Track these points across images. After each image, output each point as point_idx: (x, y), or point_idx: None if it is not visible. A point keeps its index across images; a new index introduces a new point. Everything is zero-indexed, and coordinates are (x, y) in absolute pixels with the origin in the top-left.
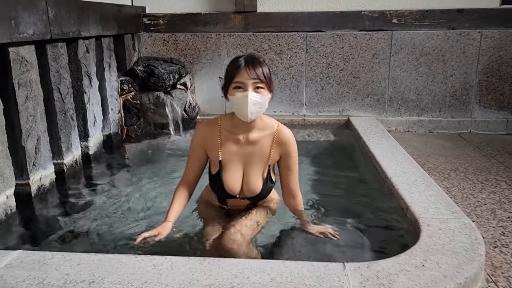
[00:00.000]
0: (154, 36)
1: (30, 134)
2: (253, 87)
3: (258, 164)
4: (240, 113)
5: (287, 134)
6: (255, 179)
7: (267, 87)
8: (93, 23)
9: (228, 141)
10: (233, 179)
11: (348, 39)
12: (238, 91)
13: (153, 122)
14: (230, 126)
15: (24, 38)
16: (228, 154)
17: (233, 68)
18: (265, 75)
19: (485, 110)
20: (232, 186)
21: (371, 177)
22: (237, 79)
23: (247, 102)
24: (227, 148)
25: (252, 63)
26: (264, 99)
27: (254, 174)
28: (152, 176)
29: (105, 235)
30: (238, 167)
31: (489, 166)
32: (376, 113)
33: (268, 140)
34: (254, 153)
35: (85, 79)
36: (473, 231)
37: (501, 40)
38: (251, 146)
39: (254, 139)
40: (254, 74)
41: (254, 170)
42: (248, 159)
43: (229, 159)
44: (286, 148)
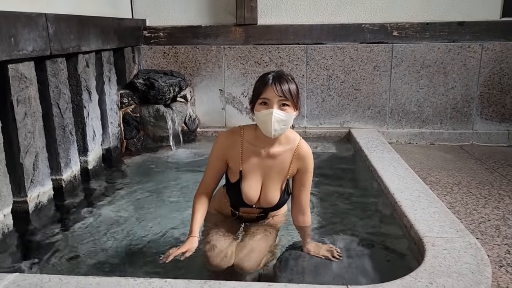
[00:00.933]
0: (155, 49)
1: (28, 151)
2: (278, 104)
3: (277, 177)
4: (264, 129)
5: (306, 150)
6: (273, 191)
7: (292, 105)
8: (93, 37)
9: (250, 153)
10: (252, 190)
11: (349, 51)
12: (264, 107)
13: (153, 135)
14: (253, 138)
15: (24, 55)
16: (248, 165)
17: (260, 84)
18: (292, 93)
19: (487, 122)
20: (251, 197)
21: (373, 192)
22: (263, 95)
23: (271, 119)
24: (248, 160)
25: (279, 80)
26: (288, 116)
27: (273, 187)
28: (153, 191)
29: (104, 255)
30: (258, 179)
31: (491, 179)
32: (377, 125)
33: (289, 154)
34: (274, 167)
35: (84, 94)
36: (478, 251)
37: (502, 52)
38: (271, 159)
39: (275, 153)
40: (280, 91)
41: (272, 183)
42: (268, 172)
43: (250, 170)
44: (304, 164)
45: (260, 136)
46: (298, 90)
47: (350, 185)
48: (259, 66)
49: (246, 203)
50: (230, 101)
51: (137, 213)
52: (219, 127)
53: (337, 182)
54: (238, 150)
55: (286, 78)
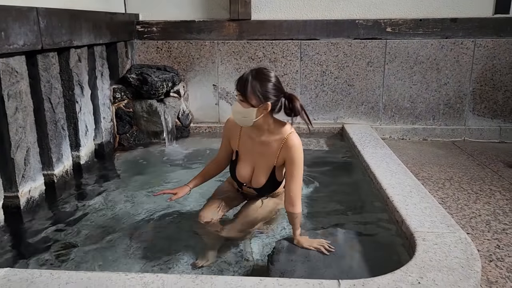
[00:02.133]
0: (148, 44)
1: (20, 146)
2: (238, 98)
3: (265, 163)
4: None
5: (294, 142)
6: (261, 175)
7: (246, 101)
8: (86, 32)
9: (245, 137)
10: (244, 169)
11: (343, 47)
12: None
13: (146, 130)
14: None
15: (14, 49)
16: (243, 148)
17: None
18: (248, 91)
19: (479, 118)
20: (242, 175)
21: (365, 188)
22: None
23: (232, 111)
24: (244, 143)
25: (244, 78)
26: (245, 111)
27: (261, 171)
28: (145, 187)
29: (96, 250)
30: (250, 161)
31: (483, 175)
32: (370, 121)
33: (277, 144)
34: (264, 153)
35: (76, 89)
36: (469, 246)
37: (494, 49)
38: (262, 146)
39: (265, 141)
40: (238, 88)
41: (261, 167)
42: (258, 157)
43: (244, 152)
44: (291, 155)
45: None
46: (264, 89)
47: (342, 180)
48: (253, 62)
49: (239, 181)
50: (224, 96)
51: (129, 208)
52: (212, 122)
53: (330, 178)
54: (237, 133)
55: (252, 76)
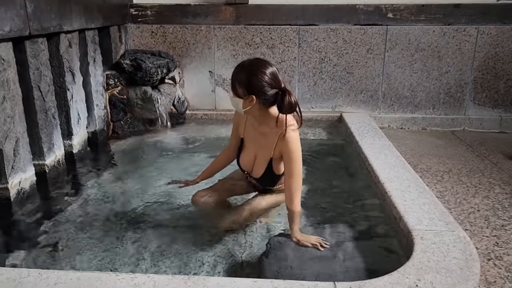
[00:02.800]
0: (142, 28)
1: (8, 136)
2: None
3: (264, 154)
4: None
5: (291, 136)
6: (260, 165)
7: (233, 91)
8: (76, 15)
9: (250, 126)
10: (246, 157)
11: (342, 33)
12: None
13: (141, 118)
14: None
15: (0, 36)
16: (248, 136)
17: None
18: (234, 81)
19: (479, 107)
20: (245, 163)
21: (363, 181)
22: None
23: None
24: (248, 131)
25: (237, 68)
26: (232, 99)
27: (260, 162)
28: (140, 176)
29: (86, 245)
30: (252, 150)
31: (482, 167)
32: (369, 109)
33: (274, 136)
34: (263, 144)
35: (67, 75)
36: (467, 246)
37: (497, 36)
38: (262, 136)
39: (264, 132)
40: (231, 78)
41: (261, 158)
42: (259, 147)
43: (248, 140)
44: (287, 149)
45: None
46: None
47: (340, 172)
48: (250, 48)
49: (242, 168)
50: (220, 83)
51: (122, 199)
52: (208, 109)
53: (327, 169)
54: (244, 120)
55: (243, 67)
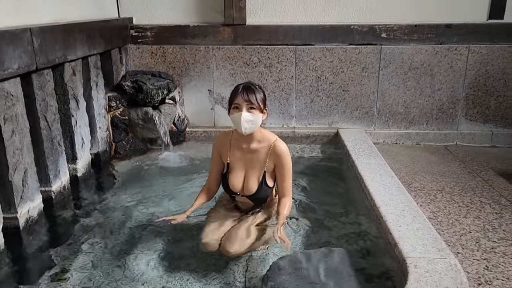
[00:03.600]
0: (142, 48)
1: (17, 168)
2: (246, 108)
3: (256, 169)
4: (237, 128)
5: (281, 148)
6: (252, 181)
7: (258, 108)
8: (80, 44)
9: (235, 148)
10: (235, 178)
11: (338, 52)
12: (236, 111)
13: (142, 138)
14: (238, 136)
15: (9, 74)
16: (234, 158)
17: (233, 93)
18: (257, 99)
19: (471, 123)
20: (235, 184)
21: (360, 202)
22: (235, 101)
23: (241, 120)
24: (234, 154)
25: (247, 90)
26: (255, 117)
27: (252, 177)
28: (142, 195)
29: (94, 268)
30: (241, 170)
31: (474, 185)
32: (364, 125)
33: (265, 151)
34: (253, 160)
35: (72, 102)
36: (458, 274)
37: (488, 55)
38: (251, 154)
39: (254, 149)
40: (247, 98)
41: (252, 174)
42: (249, 164)
43: (235, 162)
44: (280, 160)
45: (242, 135)
46: (265, 97)
47: (337, 192)
48: (248, 67)
49: (233, 191)
50: (219, 101)
51: (127, 221)
52: (208, 127)
53: (323, 188)
54: (227, 146)
55: (253, 88)
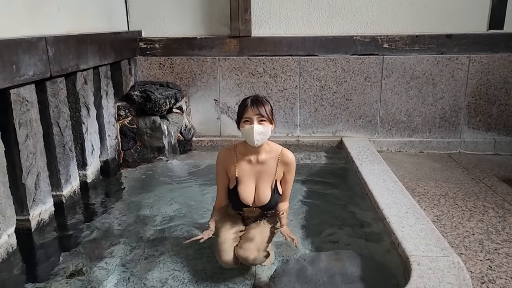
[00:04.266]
0: (150, 60)
1: (30, 171)
2: (257, 121)
3: (267, 179)
4: (249, 140)
5: (289, 156)
6: (265, 191)
7: (268, 120)
8: (91, 54)
9: (243, 161)
10: (247, 191)
11: (341, 63)
12: (247, 124)
13: (150, 146)
14: (244, 150)
15: (25, 80)
16: (242, 172)
17: (242, 107)
18: (267, 111)
19: (474, 131)
20: (247, 197)
21: (363, 206)
22: (245, 115)
23: (253, 132)
24: (242, 167)
25: (256, 103)
26: (266, 129)
27: (264, 187)
28: (150, 201)
29: (105, 269)
30: (251, 182)
31: (477, 190)
32: (368, 134)
33: (274, 160)
34: (263, 171)
35: (83, 110)
36: (461, 271)
37: (488, 64)
38: (260, 165)
39: (263, 160)
40: (257, 111)
41: (263, 184)
42: (259, 175)
43: (244, 175)
44: (288, 168)
45: (249, 147)
46: (272, 109)
47: (341, 197)
48: (253, 77)
49: (244, 204)
50: (225, 111)
51: (135, 227)
52: (214, 136)
53: (327, 194)
54: (233, 160)
55: (262, 100)
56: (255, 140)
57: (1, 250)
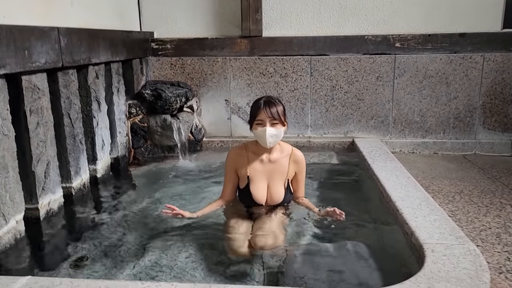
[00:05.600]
0: (162, 60)
1: (40, 159)
2: (270, 123)
3: (279, 178)
4: (261, 142)
5: (300, 156)
6: (278, 190)
7: (280, 122)
8: (103, 49)
9: (254, 161)
10: (259, 190)
11: (352, 62)
12: (259, 126)
13: (160, 145)
14: (256, 149)
15: (37, 67)
16: (254, 171)
17: (255, 109)
18: (279, 113)
19: (489, 131)
20: (260, 197)
21: (376, 200)
22: (258, 117)
23: (266, 135)
24: (253, 166)
25: (269, 105)
26: (278, 131)
27: (277, 186)
28: (159, 199)
29: (111, 259)
30: (263, 181)
31: (493, 188)
32: (380, 134)
33: (286, 159)
34: (275, 170)
35: (94, 104)
36: (477, 257)
37: (503, 63)
38: (272, 164)
39: (275, 159)
40: (270, 114)
41: (276, 183)
42: (271, 175)
43: (255, 174)
44: (299, 166)
45: (261, 147)
46: (285, 110)
47: (354, 193)
48: (264, 77)
49: (257, 203)
50: (236, 111)
51: (143, 220)
52: (224, 136)
53: (340, 191)
54: (245, 159)
55: (274, 102)
56: (268, 142)
57: (9, 235)
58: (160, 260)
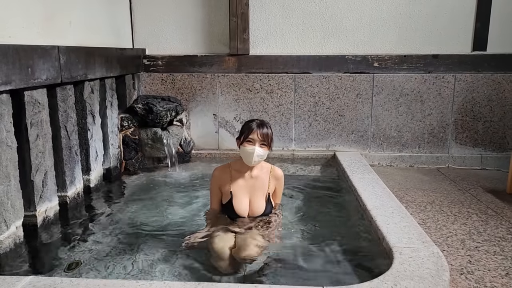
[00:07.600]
0: (153, 76)
1: (39, 169)
2: (259, 143)
3: (260, 192)
4: (246, 160)
5: (278, 172)
6: (259, 203)
7: (268, 146)
8: (98, 66)
9: (237, 177)
10: (241, 204)
11: (334, 80)
12: (249, 144)
13: (151, 156)
14: (239, 167)
15: (38, 83)
16: (237, 186)
17: (248, 128)
18: (269, 138)
19: (461, 146)
20: (242, 210)
21: (353, 209)
22: (250, 136)
23: (253, 154)
24: (236, 183)
25: (262, 127)
26: (264, 153)
27: (258, 200)
28: (149, 208)
29: (104, 264)
30: (245, 196)
31: (463, 199)
32: (360, 148)
33: (266, 175)
34: (257, 185)
35: (89, 117)
36: (440, 259)
37: (473, 83)
38: (254, 180)
39: (256, 175)
40: (261, 136)
41: (257, 197)
42: (253, 190)
43: (238, 190)
44: (279, 182)
45: (244, 165)
46: (273, 135)
47: (334, 202)
48: (251, 93)
49: (240, 216)
50: (223, 125)
51: (135, 226)
52: (212, 149)
53: (322, 200)
54: (228, 176)
55: (267, 126)
56: (253, 161)
57: (9, 240)
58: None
